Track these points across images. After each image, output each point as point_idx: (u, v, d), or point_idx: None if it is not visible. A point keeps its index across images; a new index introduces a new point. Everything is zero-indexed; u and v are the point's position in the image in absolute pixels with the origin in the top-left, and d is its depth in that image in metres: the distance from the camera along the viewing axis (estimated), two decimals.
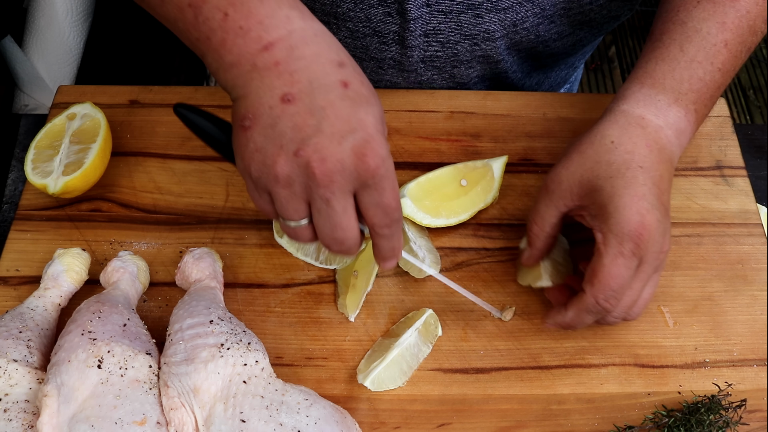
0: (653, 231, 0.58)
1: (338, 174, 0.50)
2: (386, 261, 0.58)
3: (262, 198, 0.54)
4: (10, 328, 0.58)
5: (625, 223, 0.57)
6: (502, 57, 0.81)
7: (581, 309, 0.60)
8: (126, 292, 0.63)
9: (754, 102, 2.09)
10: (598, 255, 0.59)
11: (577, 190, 0.62)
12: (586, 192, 0.61)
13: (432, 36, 0.77)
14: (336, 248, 0.55)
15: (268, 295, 0.68)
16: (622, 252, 0.58)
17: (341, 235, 0.53)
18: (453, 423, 0.62)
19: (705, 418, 0.60)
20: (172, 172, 0.75)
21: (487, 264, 0.70)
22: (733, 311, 0.69)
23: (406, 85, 0.84)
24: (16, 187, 0.78)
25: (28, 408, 0.54)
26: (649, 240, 0.57)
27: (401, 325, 0.66)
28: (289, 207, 0.53)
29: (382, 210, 0.53)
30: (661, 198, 0.60)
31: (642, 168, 0.60)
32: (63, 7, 1.32)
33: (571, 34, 0.80)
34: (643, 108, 0.63)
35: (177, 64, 1.63)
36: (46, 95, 1.36)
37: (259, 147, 0.51)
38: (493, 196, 0.73)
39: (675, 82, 0.64)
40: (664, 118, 0.63)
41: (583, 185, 0.61)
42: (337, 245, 0.54)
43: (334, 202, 0.51)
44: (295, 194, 0.52)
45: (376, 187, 0.52)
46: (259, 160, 0.51)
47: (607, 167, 0.60)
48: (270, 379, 0.56)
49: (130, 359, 0.56)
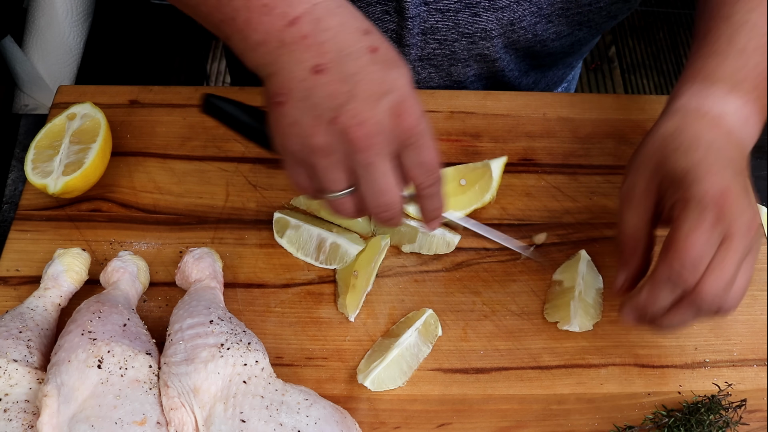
0: (738, 200, 0.53)
1: (378, 136, 0.50)
2: (432, 222, 0.59)
3: (301, 174, 0.54)
4: (10, 328, 0.58)
5: (707, 190, 0.53)
6: (499, 56, 0.81)
7: (656, 283, 0.54)
8: (126, 292, 0.63)
9: None
10: (676, 225, 0.53)
11: (655, 180, 0.58)
12: (662, 178, 0.57)
13: (429, 34, 0.77)
14: (384, 215, 0.54)
15: (268, 295, 0.68)
16: (703, 219, 0.52)
17: (387, 199, 0.53)
18: (453, 423, 0.62)
19: (705, 418, 0.60)
20: (172, 172, 0.75)
21: (487, 264, 0.70)
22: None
23: None
24: (16, 187, 0.78)
25: (28, 408, 0.54)
26: (733, 209, 0.52)
27: (401, 325, 0.66)
28: (329, 177, 0.52)
29: (425, 168, 0.53)
30: (743, 175, 0.56)
31: (713, 146, 0.56)
32: (63, 7, 1.32)
33: (570, 34, 0.80)
34: (698, 101, 0.60)
35: (177, 64, 1.63)
36: (46, 95, 1.36)
37: (296, 120, 0.51)
38: (490, 196, 0.73)
39: (728, 73, 0.61)
40: (721, 107, 0.59)
41: (658, 173, 0.57)
42: (384, 211, 0.54)
43: (377, 165, 0.51)
44: (335, 163, 0.52)
45: (416, 145, 0.52)
46: (296, 133, 0.51)
47: (676, 148, 0.56)
48: (270, 379, 0.56)
49: (130, 359, 0.56)
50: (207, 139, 0.77)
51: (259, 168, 0.75)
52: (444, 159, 0.76)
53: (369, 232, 0.71)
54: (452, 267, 0.70)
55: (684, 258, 0.52)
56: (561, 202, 0.74)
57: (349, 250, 0.69)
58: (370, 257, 0.69)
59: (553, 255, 0.71)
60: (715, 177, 0.54)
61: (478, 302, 0.68)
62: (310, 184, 0.55)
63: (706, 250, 0.52)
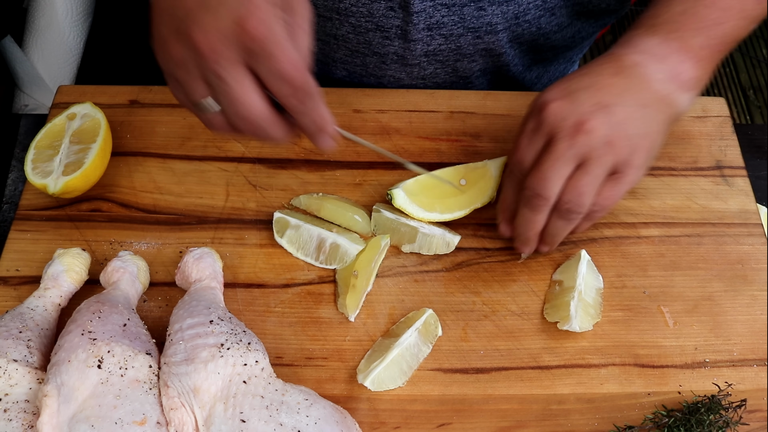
0: (562, 108, 0.60)
1: (221, 44, 0.50)
2: (314, 138, 0.56)
3: (176, 89, 0.55)
4: (10, 328, 0.58)
5: (534, 103, 0.62)
6: (504, 50, 0.81)
7: (507, 192, 0.65)
8: (126, 292, 0.63)
9: (754, 102, 2.09)
10: None
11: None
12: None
13: (435, 29, 0.77)
14: (248, 128, 0.54)
15: (268, 295, 0.68)
16: (525, 127, 0.62)
17: (243, 111, 0.52)
18: (453, 423, 0.62)
19: (705, 418, 0.60)
20: (172, 172, 0.75)
21: (487, 264, 0.70)
22: (733, 311, 0.69)
23: (409, 80, 0.84)
24: (16, 187, 0.78)
25: (28, 408, 0.54)
26: (553, 116, 0.60)
27: (401, 325, 0.66)
28: (190, 89, 0.53)
29: (281, 78, 0.51)
30: (628, 103, 0.61)
31: (581, 72, 0.62)
32: (63, 7, 1.32)
33: (570, 25, 0.80)
34: (615, 47, 0.65)
35: None
36: (46, 95, 1.36)
37: (160, 35, 0.53)
38: (489, 196, 0.73)
39: (648, 17, 0.65)
40: (634, 47, 0.63)
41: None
42: (246, 124, 0.53)
43: (225, 74, 0.51)
44: (192, 75, 0.52)
45: (266, 55, 0.50)
46: (161, 48, 0.53)
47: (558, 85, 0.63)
48: (270, 379, 0.56)
49: (130, 359, 0.56)
50: (207, 139, 0.77)
51: (259, 168, 0.75)
52: (444, 159, 0.77)
53: (369, 232, 0.71)
54: (452, 267, 0.70)
55: (513, 159, 0.63)
56: None
57: (349, 250, 0.69)
58: (370, 257, 0.69)
59: (553, 255, 0.71)
60: (546, 93, 0.61)
61: (478, 302, 0.68)
62: (184, 98, 0.55)
63: (527, 153, 0.62)
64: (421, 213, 0.71)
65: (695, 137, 0.79)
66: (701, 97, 0.81)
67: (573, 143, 0.59)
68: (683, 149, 0.78)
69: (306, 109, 0.54)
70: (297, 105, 0.53)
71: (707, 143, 0.79)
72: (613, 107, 0.60)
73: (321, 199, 0.72)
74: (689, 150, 0.78)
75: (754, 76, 2.13)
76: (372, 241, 0.70)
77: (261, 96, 0.53)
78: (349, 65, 0.83)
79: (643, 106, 0.61)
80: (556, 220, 0.63)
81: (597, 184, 0.60)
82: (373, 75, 0.84)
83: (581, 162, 0.60)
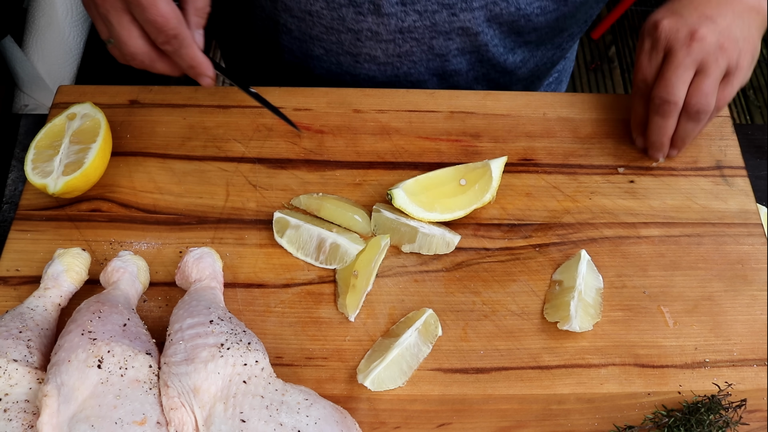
0: (671, 25, 0.69)
1: None
2: (194, 77, 0.67)
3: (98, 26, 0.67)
4: (10, 328, 0.58)
5: (646, 24, 0.72)
6: (482, 29, 0.80)
7: (637, 108, 0.74)
8: (126, 292, 0.63)
9: (754, 102, 2.09)
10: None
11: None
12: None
13: (409, 5, 0.77)
14: (136, 63, 0.65)
15: (268, 295, 0.68)
16: (642, 48, 0.72)
17: (127, 50, 0.64)
18: (453, 423, 0.62)
19: (705, 418, 0.60)
20: (172, 172, 0.75)
21: (487, 264, 0.70)
22: (733, 311, 0.69)
23: (385, 58, 0.83)
24: (16, 187, 0.78)
25: (28, 408, 0.54)
26: (666, 31, 0.69)
27: (401, 325, 0.66)
28: (97, 28, 0.66)
29: (154, 27, 0.62)
30: (723, 21, 0.69)
31: (694, 0, 0.71)
32: (63, 7, 1.32)
33: (555, 10, 0.80)
34: None
35: None
36: (46, 95, 1.36)
37: None
38: (490, 196, 0.73)
39: None
40: None
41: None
42: (133, 60, 0.65)
43: (112, 20, 0.62)
44: (96, 18, 0.65)
45: (139, 7, 0.60)
46: None
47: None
48: (270, 379, 0.56)
49: (130, 359, 0.56)
50: (207, 139, 0.77)
51: (259, 168, 0.75)
52: (444, 159, 0.77)
53: (369, 232, 0.71)
54: (452, 267, 0.70)
55: (636, 78, 0.73)
56: (561, 202, 0.75)
57: (349, 250, 0.69)
58: (370, 257, 0.69)
59: (553, 255, 0.71)
60: (654, 14, 0.71)
61: (478, 302, 0.68)
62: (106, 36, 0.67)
63: (649, 68, 0.72)
64: (421, 213, 0.71)
65: (695, 137, 0.79)
66: None
67: (690, 51, 0.68)
68: (683, 149, 0.78)
69: (181, 55, 0.65)
70: (171, 51, 0.64)
71: (707, 143, 0.79)
72: (715, 17, 0.69)
73: (321, 199, 0.72)
74: (689, 150, 0.78)
75: (754, 76, 2.13)
76: (372, 241, 0.70)
77: (143, 38, 0.64)
78: (325, 42, 0.83)
79: (739, 15, 0.70)
80: (686, 122, 0.71)
81: (717, 85, 0.69)
82: (350, 53, 0.83)
83: (699, 68, 0.68)
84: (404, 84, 0.87)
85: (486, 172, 0.73)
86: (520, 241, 0.72)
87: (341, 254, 0.69)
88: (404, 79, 0.86)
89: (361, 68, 0.85)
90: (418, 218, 0.71)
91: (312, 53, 0.86)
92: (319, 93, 0.81)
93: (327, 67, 0.86)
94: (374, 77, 0.86)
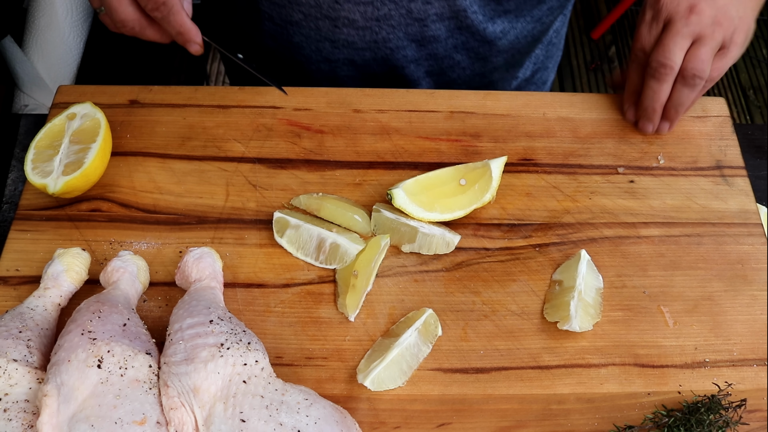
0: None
1: None
2: (183, 45, 0.71)
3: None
4: (10, 328, 0.58)
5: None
6: None
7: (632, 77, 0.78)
8: (126, 292, 0.63)
9: (754, 102, 2.09)
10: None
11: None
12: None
13: None
14: (126, 30, 0.70)
15: (268, 295, 0.68)
16: (642, 19, 0.76)
17: (118, 17, 0.69)
18: (453, 423, 0.62)
19: (705, 418, 0.60)
20: (172, 172, 0.75)
21: (487, 264, 0.70)
22: (733, 311, 0.69)
23: (363, 21, 0.83)
24: (16, 187, 0.78)
25: (28, 408, 0.54)
26: (667, 4, 0.73)
27: (401, 325, 0.66)
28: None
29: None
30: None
31: None
32: (63, 7, 1.32)
33: None
34: None
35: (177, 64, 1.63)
36: (46, 95, 1.36)
37: None
38: (490, 196, 0.73)
39: None
40: None
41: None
42: (123, 27, 0.70)
43: None
44: None
45: None
46: None
47: None
48: (270, 379, 0.56)
49: (130, 359, 0.56)
50: (207, 139, 0.77)
51: (259, 168, 0.75)
52: (444, 159, 0.77)
53: (369, 232, 0.71)
54: (452, 267, 0.70)
55: (635, 47, 0.76)
56: (561, 202, 0.75)
57: (349, 250, 0.69)
58: (370, 257, 0.69)
59: (553, 255, 0.71)
60: None
61: (477, 302, 0.68)
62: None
63: (648, 38, 0.75)
64: (421, 213, 0.71)
65: (695, 137, 0.79)
66: (701, 97, 0.81)
67: (688, 22, 0.72)
68: (683, 149, 0.78)
69: (170, 22, 0.69)
70: (160, 18, 0.68)
71: (707, 143, 0.79)
72: None
73: (321, 199, 0.72)
74: (689, 150, 0.78)
75: (754, 76, 2.13)
76: (372, 241, 0.70)
77: (133, 6, 0.68)
78: (303, 6, 0.82)
79: None
80: (681, 88, 0.74)
81: (712, 55, 0.72)
82: (328, 17, 0.83)
83: (696, 38, 0.72)
84: (383, 51, 0.87)
85: (486, 172, 0.73)
86: (520, 241, 0.72)
87: (341, 254, 0.69)
88: (383, 45, 0.86)
89: (340, 33, 0.85)
90: (418, 218, 0.71)
91: (291, 18, 0.86)
92: (319, 93, 0.81)
93: (306, 33, 0.86)
94: (353, 43, 0.86)
